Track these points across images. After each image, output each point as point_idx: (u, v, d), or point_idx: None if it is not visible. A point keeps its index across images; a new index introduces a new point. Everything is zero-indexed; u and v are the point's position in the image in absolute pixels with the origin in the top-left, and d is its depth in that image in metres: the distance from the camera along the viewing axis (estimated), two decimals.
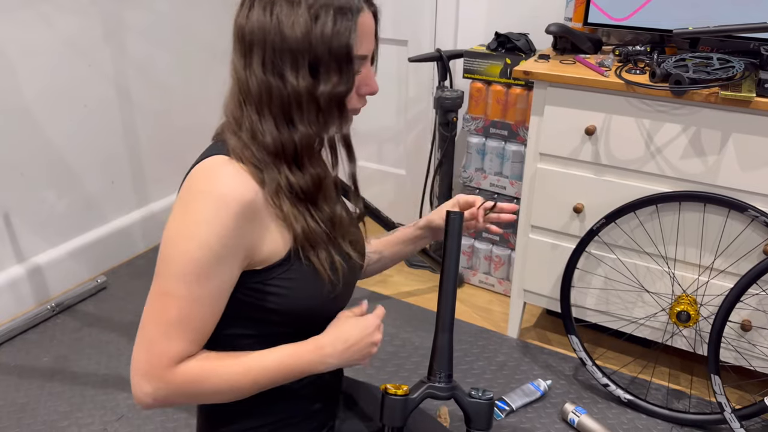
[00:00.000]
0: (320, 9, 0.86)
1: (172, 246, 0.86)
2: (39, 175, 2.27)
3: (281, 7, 0.87)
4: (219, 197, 0.85)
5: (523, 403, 1.89)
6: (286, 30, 0.86)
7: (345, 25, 0.88)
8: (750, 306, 1.74)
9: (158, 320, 0.88)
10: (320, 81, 0.89)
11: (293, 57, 0.87)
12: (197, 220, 0.85)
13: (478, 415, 0.93)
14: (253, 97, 0.90)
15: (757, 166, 1.63)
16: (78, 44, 2.28)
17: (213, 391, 0.91)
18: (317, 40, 0.86)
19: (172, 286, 0.86)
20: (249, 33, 0.88)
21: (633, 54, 1.84)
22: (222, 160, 0.89)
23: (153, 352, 0.87)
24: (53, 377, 1.98)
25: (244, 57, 0.90)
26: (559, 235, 1.95)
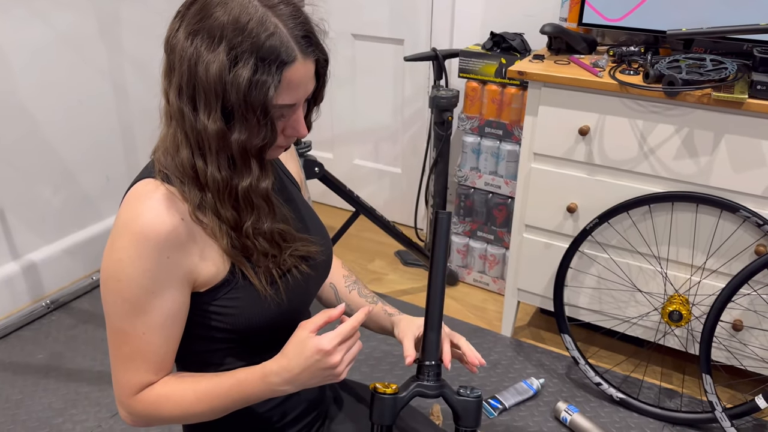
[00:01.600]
0: (241, 54, 0.79)
1: (105, 287, 0.88)
2: (34, 171, 2.27)
3: (202, 41, 0.80)
4: (139, 233, 0.82)
5: (516, 401, 1.90)
6: (200, 67, 0.79)
7: (264, 78, 0.79)
8: (741, 306, 1.75)
9: (116, 354, 0.91)
10: (234, 128, 0.82)
11: (206, 95, 0.81)
12: (121, 258, 0.84)
13: (467, 412, 0.93)
14: (172, 115, 0.85)
15: (749, 167, 1.64)
16: (73, 40, 2.28)
17: (171, 417, 0.93)
18: (231, 87, 0.79)
19: (118, 324, 0.88)
20: (170, 52, 0.83)
21: (627, 55, 1.85)
22: (148, 187, 0.86)
23: (118, 382, 0.92)
24: (48, 374, 1.99)
25: (167, 73, 0.85)
26: (553, 234, 1.96)
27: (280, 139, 0.88)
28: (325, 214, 2.91)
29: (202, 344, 0.96)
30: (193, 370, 0.98)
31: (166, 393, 0.92)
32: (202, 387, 0.91)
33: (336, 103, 2.87)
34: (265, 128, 0.83)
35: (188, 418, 0.93)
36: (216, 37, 0.79)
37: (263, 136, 0.84)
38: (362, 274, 2.56)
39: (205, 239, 0.88)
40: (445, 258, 0.96)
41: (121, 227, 0.85)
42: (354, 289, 1.18)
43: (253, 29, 0.79)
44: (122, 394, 0.92)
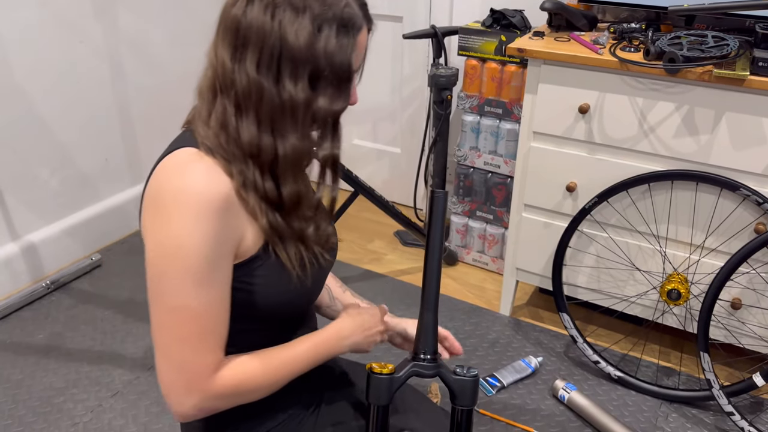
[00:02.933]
0: (324, 22, 0.84)
1: (163, 264, 0.83)
2: (32, 152, 2.26)
3: (285, 12, 0.83)
4: (196, 201, 0.81)
5: (515, 379, 1.91)
6: (289, 37, 0.83)
7: (347, 42, 0.86)
8: (740, 284, 1.75)
9: (180, 337, 0.85)
10: (319, 94, 0.87)
11: (294, 65, 0.84)
12: (180, 230, 0.81)
13: (463, 391, 0.94)
14: (238, 91, 0.86)
15: (749, 145, 1.63)
16: (69, 20, 2.26)
17: (255, 389, 0.92)
18: (320, 53, 0.84)
19: (180, 300, 0.84)
20: (245, 28, 0.84)
21: (628, 31, 1.83)
22: (191, 155, 0.86)
23: (188, 369, 0.86)
24: (48, 354, 2.00)
25: (234, 49, 0.86)
26: (552, 213, 1.96)
27: None
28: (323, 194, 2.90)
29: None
30: None
31: (244, 369, 0.90)
32: (277, 356, 0.94)
33: None
34: (345, 92, 0.89)
35: (268, 388, 0.94)
36: (300, 8, 0.83)
37: (343, 100, 0.89)
38: (361, 254, 2.56)
39: (244, 214, 0.88)
40: (442, 237, 0.95)
41: (170, 198, 0.82)
42: (346, 290, 1.26)
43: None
44: (197, 380, 0.86)
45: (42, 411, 1.79)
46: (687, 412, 1.81)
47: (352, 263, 2.49)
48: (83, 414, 1.78)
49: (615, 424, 1.69)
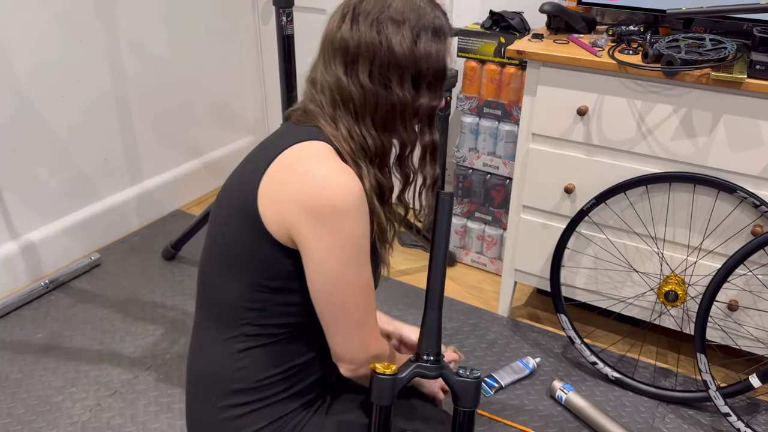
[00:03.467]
0: (421, 30, 0.98)
1: (346, 249, 0.95)
2: (31, 151, 2.26)
3: (388, 26, 0.97)
4: (355, 193, 0.94)
5: (513, 380, 1.91)
6: (395, 47, 0.96)
7: (441, 46, 1.00)
8: (737, 286, 1.76)
9: (368, 308, 1.00)
10: (420, 94, 1.00)
11: (400, 70, 0.97)
12: (350, 219, 0.94)
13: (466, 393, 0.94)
14: (355, 102, 0.99)
15: (746, 148, 1.64)
16: (70, 19, 2.26)
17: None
18: (420, 57, 0.98)
19: (364, 279, 0.98)
20: (355, 46, 0.97)
21: (626, 34, 1.84)
22: (330, 152, 0.98)
23: (373, 331, 1.02)
24: (47, 353, 2.00)
25: (345, 65, 0.99)
26: (550, 215, 1.97)
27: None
28: None
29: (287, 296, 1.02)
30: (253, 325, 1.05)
31: (393, 351, 1.11)
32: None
33: None
34: (440, 90, 1.03)
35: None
36: (399, 20, 0.97)
37: (439, 97, 1.03)
38: None
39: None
40: (447, 238, 0.96)
41: (330, 198, 0.92)
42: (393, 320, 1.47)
43: (425, 9, 0.99)
44: (377, 337, 1.04)
45: (41, 410, 1.79)
46: (684, 413, 1.82)
47: None
48: (82, 413, 1.79)
49: (612, 425, 1.70)
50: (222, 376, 1.04)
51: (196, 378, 1.09)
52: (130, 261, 2.48)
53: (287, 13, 1.94)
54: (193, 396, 1.10)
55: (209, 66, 2.85)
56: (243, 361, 1.01)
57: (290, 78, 2.03)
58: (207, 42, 2.80)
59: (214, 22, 2.81)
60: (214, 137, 3.00)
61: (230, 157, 3.05)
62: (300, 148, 0.97)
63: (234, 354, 1.02)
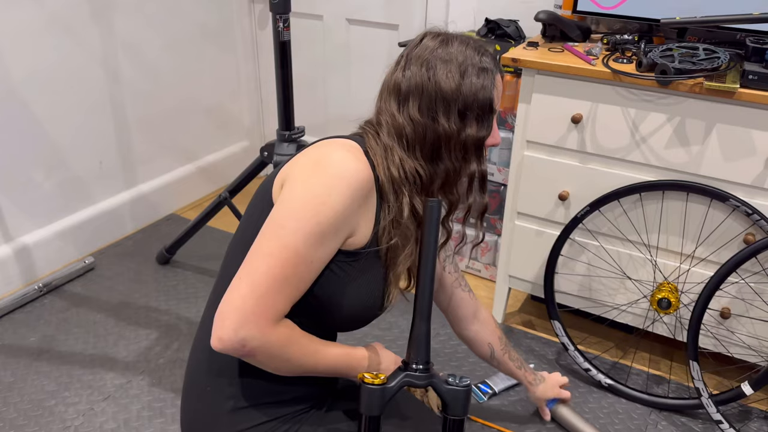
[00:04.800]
0: (468, 67, 1.05)
1: (303, 204, 0.94)
2: (26, 154, 2.26)
3: (437, 65, 1.04)
4: (352, 171, 0.96)
5: (506, 386, 1.92)
6: (441, 83, 1.03)
7: (486, 81, 1.06)
8: (729, 294, 1.77)
9: (274, 273, 0.92)
10: (466, 125, 1.05)
11: (446, 104, 1.04)
12: (331, 185, 0.95)
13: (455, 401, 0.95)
14: (407, 135, 1.05)
15: (739, 157, 1.65)
16: (65, 23, 2.26)
17: (288, 359, 0.98)
18: (467, 91, 1.04)
19: (296, 243, 0.93)
20: (406, 86, 1.05)
21: (621, 43, 1.85)
22: (357, 148, 1.03)
23: (262, 302, 0.92)
24: (40, 357, 1.99)
25: (398, 103, 1.06)
26: (544, 222, 1.97)
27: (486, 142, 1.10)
28: None
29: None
30: None
31: (294, 334, 0.98)
32: (318, 344, 1.03)
33: (330, 88, 2.86)
34: (488, 123, 1.08)
35: (296, 366, 1.00)
36: (447, 60, 1.05)
37: (486, 129, 1.08)
38: None
39: (371, 211, 1.03)
40: (436, 246, 0.96)
41: (332, 165, 0.97)
42: (506, 353, 1.54)
43: (471, 52, 1.07)
44: (262, 315, 0.92)
45: (33, 414, 1.79)
46: (676, 420, 1.83)
47: None
48: (75, 417, 1.78)
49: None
50: (222, 370, 1.05)
51: (196, 370, 1.09)
52: (124, 265, 2.47)
53: (284, 19, 1.95)
54: (190, 388, 1.10)
55: (205, 70, 2.85)
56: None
57: (286, 83, 2.03)
58: (203, 46, 2.81)
59: (210, 26, 2.82)
60: (209, 142, 3.00)
61: (225, 162, 3.05)
62: (331, 139, 1.06)
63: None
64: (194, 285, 2.36)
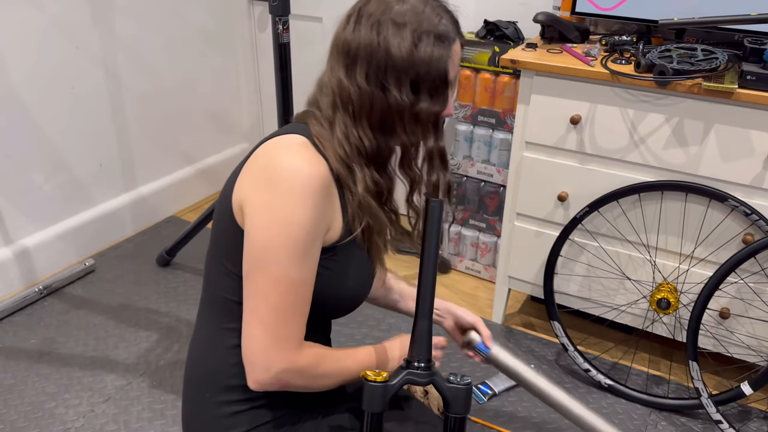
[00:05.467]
0: (423, 34, 0.95)
1: (273, 232, 0.91)
2: (26, 157, 2.26)
3: (388, 29, 0.95)
4: (305, 180, 0.91)
5: (506, 387, 1.92)
6: (392, 49, 0.94)
7: (443, 51, 0.97)
8: (728, 294, 1.77)
9: (278, 307, 0.92)
10: (420, 98, 0.98)
11: (397, 74, 0.95)
12: (293, 204, 0.90)
13: (456, 399, 0.95)
14: (353, 104, 0.97)
15: (738, 157, 1.65)
16: (65, 26, 2.27)
17: (324, 374, 1.00)
18: (420, 61, 0.95)
19: (285, 272, 0.91)
20: (355, 48, 0.96)
21: (619, 44, 1.85)
22: (302, 142, 0.97)
23: (281, 337, 0.93)
24: (41, 359, 2.00)
25: (346, 68, 0.98)
26: (544, 222, 1.98)
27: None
28: None
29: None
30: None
31: (320, 351, 0.99)
32: (345, 352, 1.03)
33: None
34: (443, 96, 0.99)
35: (333, 378, 1.02)
36: (400, 23, 0.95)
37: (441, 103, 1.00)
38: None
39: (336, 203, 0.98)
40: (437, 246, 0.97)
41: (282, 177, 0.91)
42: (400, 282, 1.43)
43: (429, 13, 0.97)
44: (285, 347, 0.93)
45: (34, 416, 1.79)
46: (676, 420, 1.83)
47: None
48: (75, 419, 1.78)
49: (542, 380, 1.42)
50: (217, 370, 1.05)
51: (192, 370, 1.09)
52: (124, 267, 2.47)
53: (283, 21, 1.95)
54: (188, 388, 1.10)
55: (205, 73, 2.86)
56: (238, 357, 1.01)
57: (286, 85, 2.04)
58: (203, 49, 2.81)
59: (210, 29, 2.82)
60: (209, 144, 3.01)
61: (225, 164, 3.05)
62: (277, 139, 0.99)
63: (230, 349, 1.02)
64: (194, 287, 2.36)
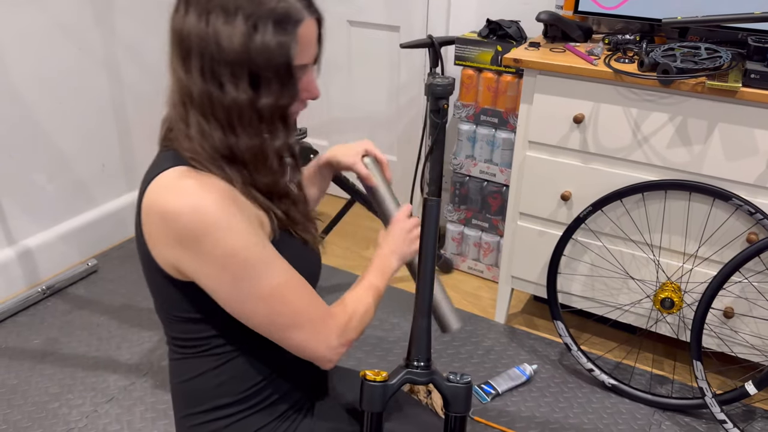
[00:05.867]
0: (258, 20, 0.83)
1: (230, 271, 0.86)
2: (29, 157, 2.27)
3: (217, 17, 0.83)
4: (207, 211, 0.84)
5: (509, 387, 1.91)
6: (223, 41, 0.83)
7: (285, 38, 0.85)
8: (733, 293, 1.77)
9: (292, 308, 0.92)
10: (261, 93, 0.87)
11: (232, 68, 0.84)
12: (217, 239, 0.84)
13: (456, 398, 0.94)
14: (196, 101, 0.88)
15: (741, 156, 1.65)
16: (68, 27, 2.27)
17: (363, 312, 1.01)
18: (256, 53, 0.84)
19: (269, 285, 0.90)
20: (186, 38, 0.86)
21: (622, 43, 1.85)
22: (182, 173, 0.87)
23: (316, 323, 0.94)
24: (44, 359, 2.00)
25: (183, 61, 0.88)
26: (547, 222, 1.97)
27: (296, 106, 0.93)
28: (321, 201, 2.91)
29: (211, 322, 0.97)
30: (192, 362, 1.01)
31: (343, 302, 1.01)
32: (356, 288, 1.04)
33: (331, 90, 2.87)
34: (289, 87, 0.88)
35: (371, 306, 1.04)
36: (231, 10, 0.83)
37: (289, 96, 0.89)
38: (357, 261, 2.57)
39: (252, 203, 0.93)
40: (435, 244, 0.96)
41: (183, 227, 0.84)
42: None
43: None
44: (326, 324, 0.95)
45: (37, 416, 1.79)
46: (680, 420, 1.82)
47: (347, 270, 2.50)
48: (78, 419, 1.78)
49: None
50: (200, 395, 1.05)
51: (175, 396, 1.10)
52: (126, 267, 2.47)
53: None
54: (176, 414, 1.10)
55: None
56: (218, 379, 1.01)
57: None
58: None
59: None
60: None
61: None
62: (156, 183, 0.88)
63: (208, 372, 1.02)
64: None
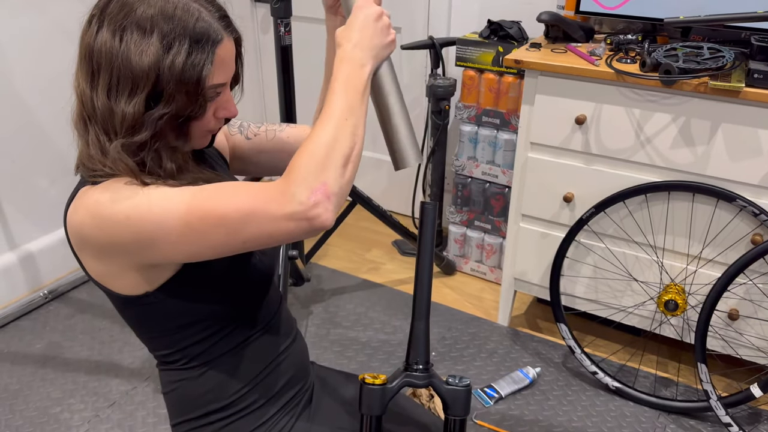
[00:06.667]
0: (174, 39, 0.83)
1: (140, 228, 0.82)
2: (31, 161, 2.27)
3: (132, 34, 0.83)
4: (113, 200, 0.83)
5: (512, 390, 1.90)
6: (133, 58, 0.82)
7: (200, 58, 0.84)
8: (737, 295, 1.75)
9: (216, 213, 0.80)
10: (159, 106, 0.85)
11: (133, 84, 0.83)
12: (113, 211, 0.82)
13: (456, 401, 0.94)
14: (98, 118, 0.86)
15: (745, 156, 1.63)
16: (69, 29, 2.26)
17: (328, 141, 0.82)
18: (167, 71, 0.83)
19: (184, 195, 0.82)
20: (97, 55, 0.84)
21: (624, 43, 1.84)
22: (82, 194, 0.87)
23: (258, 197, 0.79)
24: (46, 364, 2.00)
25: (91, 77, 0.86)
26: (550, 224, 1.96)
27: (212, 123, 0.93)
28: None
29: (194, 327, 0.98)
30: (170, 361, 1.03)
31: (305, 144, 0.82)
32: (325, 101, 0.87)
33: None
34: (194, 103, 0.86)
35: (342, 139, 0.83)
36: (146, 28, 0.83)
37: (192, 110, 0.86)
38: (359, 264, 2.56)
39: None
40: (432, 247, 0.96)
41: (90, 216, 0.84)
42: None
43: (181, 16, 0.84)
44: (275, 188, 0.78)
45: (39, 421, 1.79)
46: (685, 422, 1.81)
47: (349, 272, 2.50)
48: (80, 424, 1.78)
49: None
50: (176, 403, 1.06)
51: (168, 403, 1.10)
52: None
53: (285, 23, 1.95)
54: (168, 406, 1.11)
55: None
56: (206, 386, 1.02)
57: (288, 88, 2.03)
58: None
59: None
60: None
61: None
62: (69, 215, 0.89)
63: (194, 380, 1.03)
64: None
